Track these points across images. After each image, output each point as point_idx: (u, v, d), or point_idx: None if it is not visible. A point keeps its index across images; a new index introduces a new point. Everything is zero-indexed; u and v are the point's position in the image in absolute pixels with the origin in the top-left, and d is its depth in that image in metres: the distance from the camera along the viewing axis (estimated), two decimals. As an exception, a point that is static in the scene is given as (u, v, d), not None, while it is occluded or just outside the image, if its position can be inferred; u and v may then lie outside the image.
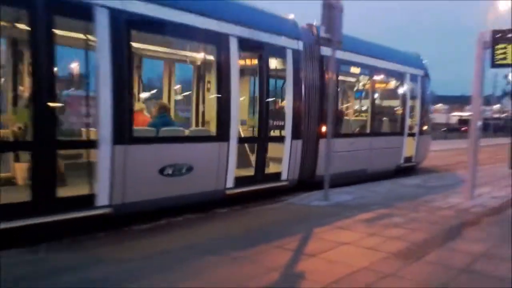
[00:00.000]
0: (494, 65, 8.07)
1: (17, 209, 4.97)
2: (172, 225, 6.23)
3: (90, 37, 5.69)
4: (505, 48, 7.71)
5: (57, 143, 5.39)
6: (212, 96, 7.63)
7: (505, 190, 9.25)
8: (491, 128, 48.81)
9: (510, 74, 16.76)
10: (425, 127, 13.30)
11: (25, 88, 6.42)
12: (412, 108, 12.61)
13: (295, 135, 8.54)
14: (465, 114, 57.67)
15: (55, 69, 5.24)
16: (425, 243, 5.37)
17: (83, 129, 6.31)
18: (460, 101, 63.07)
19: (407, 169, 12.55)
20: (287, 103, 8.47)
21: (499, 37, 7.88)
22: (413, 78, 12.44)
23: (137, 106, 7.58)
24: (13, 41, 6.49)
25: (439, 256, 4.96)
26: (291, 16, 8.77)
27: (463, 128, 39.84)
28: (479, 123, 8.19)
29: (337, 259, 4.70)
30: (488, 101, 55.64)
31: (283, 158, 8.41)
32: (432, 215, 6.91)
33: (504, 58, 7.74)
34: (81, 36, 5.96)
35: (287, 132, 8.42)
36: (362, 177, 10.42)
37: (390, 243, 5.28)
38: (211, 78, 7.94)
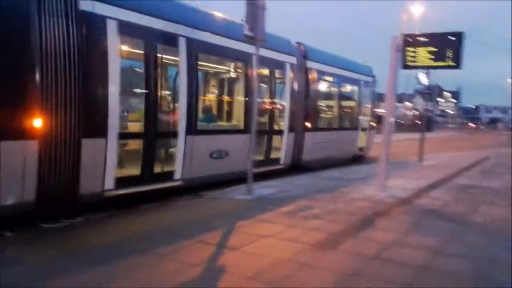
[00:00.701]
0: (405, 66, 8.67)
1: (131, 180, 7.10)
2: (90, 221, 6.03)
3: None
4: (414, 51, 8.32)
5: (157, 134, 7.56)
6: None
7: (415, 182, 9.97)
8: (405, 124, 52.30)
9: (419, 75, 18.04)
10: (371, 123, 16.28)
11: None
12: (363, 108, 15.64)
13: (289, 128, 11.02)
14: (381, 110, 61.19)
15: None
16: (341, 233, 5.65)
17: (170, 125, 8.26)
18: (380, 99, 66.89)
19: (360, 158, 15.50)
20: (286, 104, 11.03)
21: (409, 41, 8.48)
22: (365, 84, 15.50)
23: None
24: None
25: (353, 245, 5.26)
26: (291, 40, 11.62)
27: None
28: (392, 119, 8.75)
29: (258, 252, 4.81)
30: (401, 99, 59.44)
31: (281, 147, 10.94)
32: (349, 206, 7.29)
33: (414, 61, 8.35)
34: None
35: (285, 126, 10.97)
36: (332, 162, 12.91)
37: (309, 235, 5.49)
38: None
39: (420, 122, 17.99)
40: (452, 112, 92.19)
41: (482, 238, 5.77)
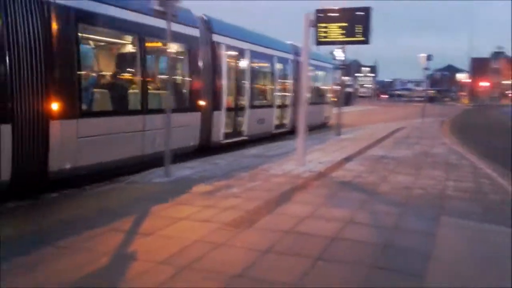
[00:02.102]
0: (318, 42, 8.81)
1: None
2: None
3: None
4: (326, 27, 8.47)
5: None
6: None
7: (332, 156, 10.33)
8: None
9: (335, 51, 18.58)
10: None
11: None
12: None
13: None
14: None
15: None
16: (258, 210, 5.70)
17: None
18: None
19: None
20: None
21: (321, 17, 8.60)
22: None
23: None
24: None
25: (269, 221, 5.32)
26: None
27: None
28: (307, 94, 8.91)
29: (172, 235, 4.71)
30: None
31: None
32: (267, 183, 7.38)
33: (326, 37, 8.50)
34: None
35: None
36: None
37: (226, 214, 5.48)
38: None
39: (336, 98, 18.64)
40: (370, 86, 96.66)
41: (389, 207, 6.10)
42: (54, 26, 6.43)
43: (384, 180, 7.84)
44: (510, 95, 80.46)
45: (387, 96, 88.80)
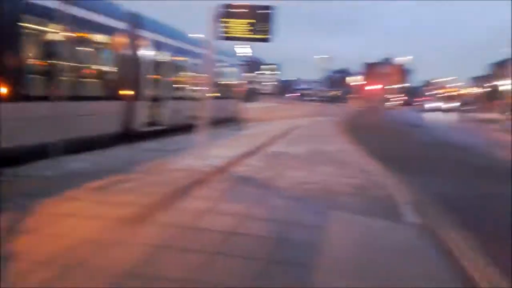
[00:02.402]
0: (222, 37, 8.80)
1: None
2: None
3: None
4: (231, 23, 8.48)
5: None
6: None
7: (233, 151, 10.42)
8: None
9: (239, 47, 18.81)
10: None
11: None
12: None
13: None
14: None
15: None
16: (155, 205, 5.54)
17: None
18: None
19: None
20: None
21: (226, 12, 8.59)
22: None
23: None
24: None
25: (166, 216, 5.21)
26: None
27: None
28: (215, 89, 8.86)
29: (59, 233, 4.39)
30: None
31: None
32: (166, 177, 7.21)
33: (230, 32, 8.52)
34: None
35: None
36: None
37: (120, 210, 5.23)
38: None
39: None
40: (273, 84, 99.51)
41: (284, 201, 6.32)
42: None
43: (281, 176, 8.11)
44: (395, 97, 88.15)
45: (297, 95, 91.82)
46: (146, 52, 11.95)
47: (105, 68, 10.54)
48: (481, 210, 7.23)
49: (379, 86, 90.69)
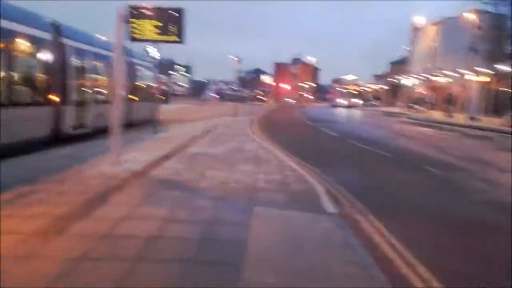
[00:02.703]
0: (132, 38, 8.53)
1: None
2: None
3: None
4: (140, 24, 8.24)
5: None
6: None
7: (150, 154, 10.14)
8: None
9: (148, 48, 18.30)
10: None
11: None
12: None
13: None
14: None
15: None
16: (69, 215, 5.23)
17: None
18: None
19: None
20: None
21: (134, 13, 8.34)
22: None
23: None
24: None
25: (83, 226, 4.95)
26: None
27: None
28: (122, 91, 8.56)
29: (-38, 253, 3.99)
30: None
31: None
32: (81, 185, 6.83)
33: (140, 33, 8.28)
34: None
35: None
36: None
37: (32, 223, 4.86)
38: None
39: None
40: (185, 85, 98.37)
41: (207, 202, 6.30)
42: None
43: (202, 177, 8.07)
44: (309, 96, 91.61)
45: (214, 95, 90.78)
46: (69, 59, 12.47)
47: (32, 75, 11.05)
48: (387, 197, 7.78)
49: (289, 85, 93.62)
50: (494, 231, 6.02)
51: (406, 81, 48.51)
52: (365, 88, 71.88)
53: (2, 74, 9.55)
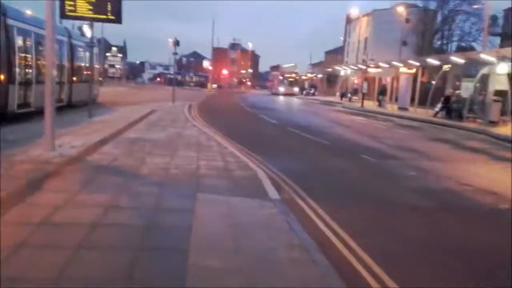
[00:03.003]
0: (63, 15, 8.09)
1: None
2: None
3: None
4: (74, 1, 7.84)
5: None
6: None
7: (86, 139, 9.74)
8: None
9: (84, 27, 17.36)
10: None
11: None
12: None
13: None
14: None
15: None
16: (3, 202, 4.94)
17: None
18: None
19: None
20: None
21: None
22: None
23: None
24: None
25: (18, 213, 4.73)
26: None
27: None
28: (54, 72, 8.09)
29: None
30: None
31: None
32: (12, 170, 6.43)
33: (74, 10, 7.87)
34: None
35: None
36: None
37: (-42, 210, 4.56)
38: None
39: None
40: (120, 67, 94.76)
41: (149, 188, 6.20)
42: None
43: (142, 162, 7.91)
44: (248, 82, 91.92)
45: (161, 80, 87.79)
46: (14, 39, 12.53)
47: None
48: (326, 183, 8.07)
49: (228, 71, 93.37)
50: (418, 213, 6.44)
51: (341, 70, 50.02)
52: (302, 77, 73.21)
53: None
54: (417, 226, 5.85)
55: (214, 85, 74.54)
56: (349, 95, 45.67)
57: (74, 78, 18.33)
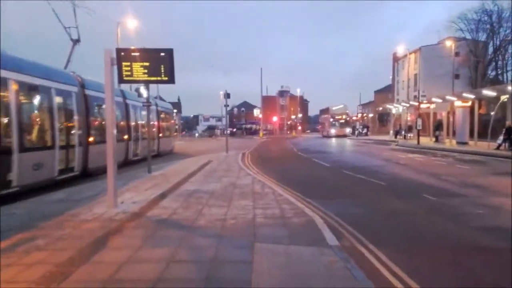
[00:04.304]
0: (122, 80, 8.64)
1: None
2: None
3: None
4: (129, 66, 8.36)
5: None
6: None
7: (146, 194, 10.09)
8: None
9: (141, 89, 18.46)
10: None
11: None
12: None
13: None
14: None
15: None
16: (71, 261, 5.18)
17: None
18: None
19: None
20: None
21: (123, 56, 8.49)
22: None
23: None
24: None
25: (85, 272, 4.90)
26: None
27: None
28: (114, 131, 8.56)
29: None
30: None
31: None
32: (78, 230, 6.77)
33: (130, 75, 8.39)
34: None
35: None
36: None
37: (31, 271, 4.81)
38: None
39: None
40: (176, 122, 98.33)
41: (207, 240, 6.26)
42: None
43: (199, 214, 8.03)
44: (298, 127, 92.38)
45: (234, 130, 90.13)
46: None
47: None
48: (383, 226, 7.77)
49: (278, 118, 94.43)
50: (489, 254, 6.02)
51: (393, 108, 49.26)
52: (353, 117, 72.76)
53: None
54: (489, 268, 5.47)
55: (265, 133, 75.42)
56: (403, 132, 44.57)
57: (142, 135, 21.37)
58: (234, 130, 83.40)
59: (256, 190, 11.07)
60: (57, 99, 13.08)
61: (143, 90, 16.00)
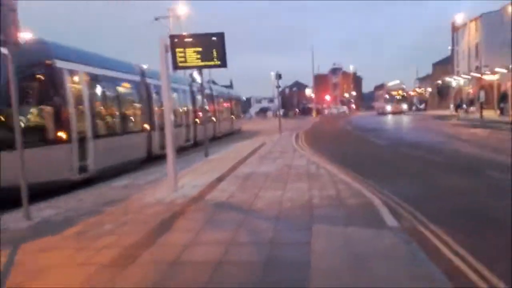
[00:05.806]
0: (176, 67, 8.87)
1: None
2: None
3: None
4: (183, 52, 8.55)
5: None
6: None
7: (204, 177, 10.36)
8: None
9: (194, 74, 19.02)
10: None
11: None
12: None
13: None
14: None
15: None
16: (138, 244, 5.45)
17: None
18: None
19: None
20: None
21: (177, 42, 8.68)
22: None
23: None
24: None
25: (152, 254, 5.15)
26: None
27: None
28: (172, 117, 8.84)
29: (44, 285, 4.24)
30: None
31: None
32: (142, 214, 7.08)
33: (184, 61, 8.59)
34: None
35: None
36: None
37: (103, 253, 5.11)
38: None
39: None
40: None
41: (265, 223, 6.36)
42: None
43: (256, 197, 8.16)
44: (352, 105, 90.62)
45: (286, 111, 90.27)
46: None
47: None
48: (445, 205, 7.51)
49: (331, 96, 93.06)
50: None
51: (453, 81, 46.93)
52: (410, 92, 70.11)
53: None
54: None
55: (318, 112, 74.51)
56: (464, 106, 42.51)
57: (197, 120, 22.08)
58: (287, 111, 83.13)
59: (311, 171, 11.05)
60: (127, 90, 14.92)
61: (196, 75, 16.39)
